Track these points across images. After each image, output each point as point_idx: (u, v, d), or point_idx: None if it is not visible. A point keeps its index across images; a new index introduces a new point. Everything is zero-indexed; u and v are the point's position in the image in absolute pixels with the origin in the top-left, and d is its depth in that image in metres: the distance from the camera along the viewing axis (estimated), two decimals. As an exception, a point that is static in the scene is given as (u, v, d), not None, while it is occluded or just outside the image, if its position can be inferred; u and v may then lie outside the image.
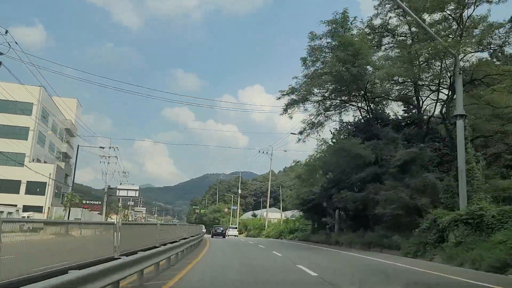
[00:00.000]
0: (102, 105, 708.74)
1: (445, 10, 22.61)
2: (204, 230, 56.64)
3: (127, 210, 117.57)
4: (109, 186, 59.62)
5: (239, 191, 78.79)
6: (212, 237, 52.88)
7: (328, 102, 31.40)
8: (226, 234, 57.59)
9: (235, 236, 60.98)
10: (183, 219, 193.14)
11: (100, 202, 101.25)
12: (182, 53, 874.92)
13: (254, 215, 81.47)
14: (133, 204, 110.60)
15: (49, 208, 54.68)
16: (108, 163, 56.35)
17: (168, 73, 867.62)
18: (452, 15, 23.10)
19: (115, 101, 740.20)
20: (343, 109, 32.60)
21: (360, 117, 32.33)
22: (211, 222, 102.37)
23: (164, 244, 12.30)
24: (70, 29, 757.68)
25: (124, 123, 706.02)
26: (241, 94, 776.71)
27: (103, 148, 55.43)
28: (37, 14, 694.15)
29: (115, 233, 8.28)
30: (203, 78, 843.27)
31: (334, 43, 27.10)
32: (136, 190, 61.66)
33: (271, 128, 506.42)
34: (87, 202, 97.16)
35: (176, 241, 14.94)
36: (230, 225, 73.04)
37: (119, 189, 59.89)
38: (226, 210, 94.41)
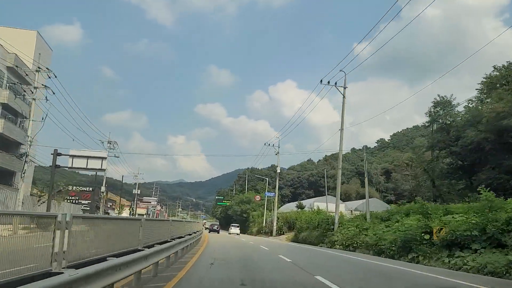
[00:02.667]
0: (137, 102, 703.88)
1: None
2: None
3: (132, 203, 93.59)
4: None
5: (278, 169, 51.22)
6: (209, 232, 55.99)
7: None
8: (229, 232, 58.98)
9: (237, 234, 56.55)
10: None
11: (91, 189, 76.57)
12: (216, 48, 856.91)
13: (300, 207, 53.84)
14: (139, 192, 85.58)
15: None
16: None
17: (201, 69, 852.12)
18: None
19: (149, 98, 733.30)
20: None
21: None
22: (238, 216, 75.57)
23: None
24: (106, 27, 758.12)
25: (158, 119, 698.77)
26: (272, 90, 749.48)
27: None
28: (75, 13, 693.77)
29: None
30: (236, 73, 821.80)
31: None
32: (102, 158, 35.63)
33: (302, 124, 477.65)
34: (74, 188, 73.34)
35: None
36: (233, 224, 66.38)
37: (73, 156, 34.03)
38: (258, 198, 67.23)
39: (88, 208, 73.87)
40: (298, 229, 37.14)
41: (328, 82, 32.70)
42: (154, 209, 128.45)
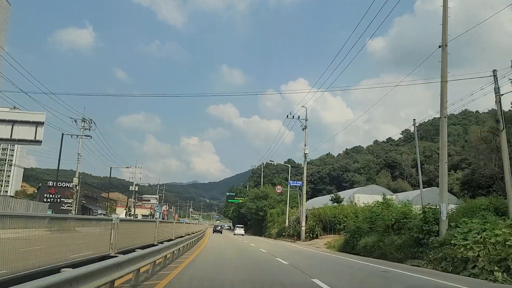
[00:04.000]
0: (150, 104, 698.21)
1: None
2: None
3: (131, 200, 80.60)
4: None
5: (306, 149, 37.03)
6: (213, 232, 61.53)
7: None
8: (234, 233, 59.31)
9: (242, 235, 54.49)
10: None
11: (73, 185, 63.56)
12: (227, 48, 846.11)
13: (337, 199, 39.11)
14: (136, 188, 72.17)
15: None
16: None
17: (213, 69, 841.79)
18: None
19: (162, 99, 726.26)
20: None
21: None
22: (253, 215, 61.59)
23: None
24: (118, 29, 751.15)
25: (171, 121, 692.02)
26: (284, 89, 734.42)
27: None
28: (87, 17, 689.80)
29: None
30: (248, 73, 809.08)
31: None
32: (37, 123, 22.14)
33: (316, 123, 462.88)
34: (55, 184, 60.22)
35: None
36: (238, 224, 65.82)
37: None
38: (279, 190, 52.85)
39: (72, 208, 61.11)
40: (351, 232, 22.81)
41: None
42: (159, 209, 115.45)
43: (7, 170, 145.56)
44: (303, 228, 37.12)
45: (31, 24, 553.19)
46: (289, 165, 52.52)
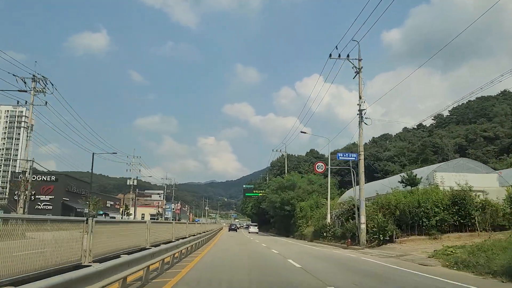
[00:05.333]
0: (167, 105, 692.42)
1: None
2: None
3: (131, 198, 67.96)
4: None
5: (362, 104, 22.97)
6: (229, 230, 62.12)
7: None
8: (249, 231, 60.01)
9: (256, 233, 55.26)
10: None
11: (54, 178, 50.85)
12: (240, 46, 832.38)
13: (412, 181, 24.59)
14: (135, 182, 59.00)
15: None
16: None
17: (227, 68, 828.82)
18: None
19: (178, 100, 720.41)
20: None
21: None
22: (277, 209, 47.98)
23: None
24: (132, 32, 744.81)
25: (188, 122, 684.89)
26: (298, 86, 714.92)
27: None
28: (101, 20, 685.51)
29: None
30: (262, 71, 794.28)
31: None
32: None
33: (332, 119, 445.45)
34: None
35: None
36: (251, 223, 67.90)
37: None
38: (321, 168, 38.08)
39: (52, 207, 48.49)
40: None
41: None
42: (170, 208, 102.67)
43: None
44: (363, 226, 23.18)
45: (47, 27, 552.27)
46: (328, 138, 37.02)
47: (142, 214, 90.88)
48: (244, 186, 69.89)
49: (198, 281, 9.08)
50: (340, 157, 25.04)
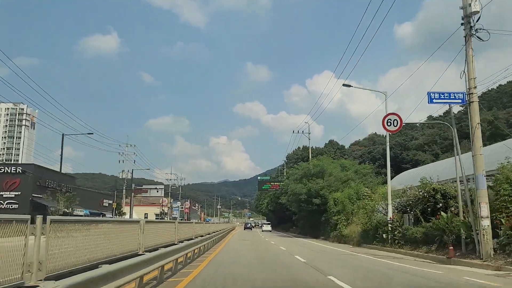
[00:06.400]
0: (178, 106, 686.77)
1: None
2: None
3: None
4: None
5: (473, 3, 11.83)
6: (244, 229, 68.75)
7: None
8: (262, 229, 62.99)
9: (269, 231, 57.16)
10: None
11: (18, 170, 41.04)
12: (251, 44, 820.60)
13: None
14: (128, 176, 48.56)
15: None
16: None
17: (238, 67, 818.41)
18: None
19: (189, 100, 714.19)
20: None
21: None
22: (302, 204, 37.19)
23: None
24: (142, 34, 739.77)
25: (199, 121, 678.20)
26: (309, 83, 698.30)
27: None
28: (111, 23, 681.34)
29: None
30: (272, 69, 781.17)
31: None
32: None
33: (345, 115, 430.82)
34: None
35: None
36: (264, 222, 68.25)
37: None
38: (393, 124, 27.03)
39: (17, 206, 38.36)
40: None
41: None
42: (177, 207, 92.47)
43: None
44: (486, 223, 12.25)
45: (58, 30, 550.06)
46: (384, 93, 24.73)
47: (146, 214, 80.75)
48: (258, 177, 58.92)
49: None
50: (435, 100, 13.83)
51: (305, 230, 43.82)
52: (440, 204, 17.62)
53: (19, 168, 39.17)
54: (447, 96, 14.08)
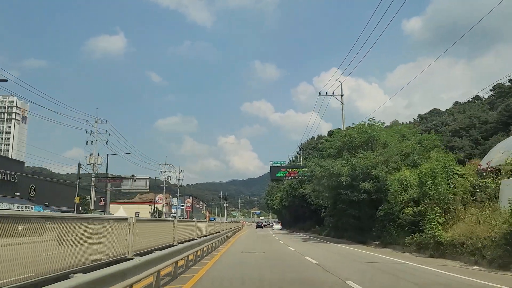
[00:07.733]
0: (186, 105, 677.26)
1: None
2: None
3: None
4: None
5: None
6: (256, 228, 68.78)
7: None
8: (272, 228, 63.55)
9: (280, 229, 58.19)
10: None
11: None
12: (258, 42, 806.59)
13: None
14: (97, 162, 35.86)
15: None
16: None
17: (245, 65, 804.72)
18: None
19: (197, 100, 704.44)
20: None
21: None
22: (341, 192, 23.45)
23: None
24: (149, 34, 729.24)
25: (208, 121, 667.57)
26: (316, 81, 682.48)
27: None
28: (118, 23, 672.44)
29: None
30: (279, 67, 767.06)
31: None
32: None
33: (353, 112, 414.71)
34: None
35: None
36: (275, 221, 66.62)
37: None
38: None
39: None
40: None
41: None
42: (178, 205, 79.70)
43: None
44: None
45: (64, 31, 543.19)
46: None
47: (137, 212, 68.08)
48: (271, 163, 45.04)
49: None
50: None
51: (338, 231, 30.61)
52: None
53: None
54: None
